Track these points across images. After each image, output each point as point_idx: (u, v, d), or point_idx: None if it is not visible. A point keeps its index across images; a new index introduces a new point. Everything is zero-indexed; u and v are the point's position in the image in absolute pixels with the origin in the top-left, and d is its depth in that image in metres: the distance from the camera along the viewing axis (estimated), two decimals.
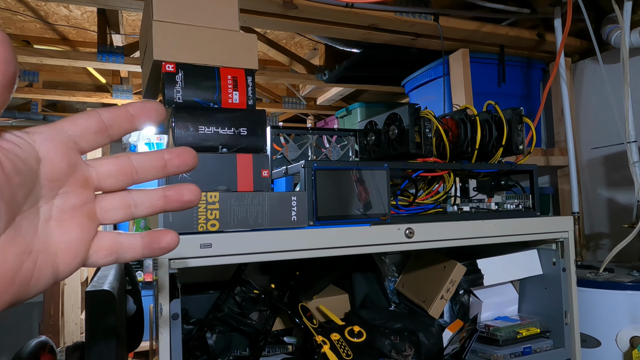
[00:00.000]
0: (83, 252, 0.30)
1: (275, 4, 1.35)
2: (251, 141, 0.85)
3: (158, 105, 0.32)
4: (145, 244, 0.32)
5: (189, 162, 0.33)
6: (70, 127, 0.29)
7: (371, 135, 1.11)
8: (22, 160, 0.26)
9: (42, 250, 0.28)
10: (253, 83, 0.88)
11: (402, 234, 0.88)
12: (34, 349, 0.95)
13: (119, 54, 1.85)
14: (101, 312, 0.73)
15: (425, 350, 0.98)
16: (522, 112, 1.07)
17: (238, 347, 1.03)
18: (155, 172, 0.32)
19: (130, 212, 0.32)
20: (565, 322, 1.07)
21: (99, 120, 0.30)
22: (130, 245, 0.32)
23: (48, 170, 0.28)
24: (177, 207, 0.33)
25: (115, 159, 0.32)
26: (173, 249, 0.33)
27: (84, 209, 0.30)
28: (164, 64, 0.82)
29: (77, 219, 0.30)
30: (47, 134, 0.28)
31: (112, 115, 0.31)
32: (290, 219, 0.80)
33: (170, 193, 0.33)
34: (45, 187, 0.28)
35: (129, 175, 0.32)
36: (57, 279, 0.29)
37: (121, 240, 0.32)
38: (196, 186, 0.33)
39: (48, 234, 0.29)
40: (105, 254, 0.31)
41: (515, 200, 1.09)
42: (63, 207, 0.29)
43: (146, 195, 0.33)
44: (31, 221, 0.28)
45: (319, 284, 1.12)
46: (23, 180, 0.26)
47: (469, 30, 1.63)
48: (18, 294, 0.27)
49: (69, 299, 2.54)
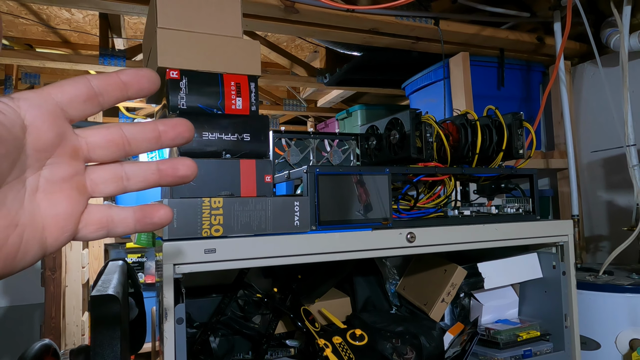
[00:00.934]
0: (72, 226, 0.29)
1: (277, 9, 1.36)
2: (254, 147, 0.86)
3: (151, 73, 0.30)
4: (138, 218, 0.31)
5: (185, 134, 0.31)
6: (57, 94, 0.28)
7: (372, 139, 1.12)
8: (6, 128, 0.25)
9: (28, 223, 0.27)
10: (256, 89, 0.89)
11: (404, 238, 0.88)
12: (37, 352, 0.96)
13: (120, 57, 1.86)
14: (106, 316, 0.73)
15: (427, 353, 0.99)
16: (522, 117, 1.08)
17: (241, 351, 1.03)
18: (148, 144, 0.31)
19: (122, 186, 0.31)
20: (565, 325, 1.08)
21: (89, 87, 0.28)
22: (121, 220, 0.31)
23: (34, 139, 0.26)
24: (172, 182, 0.32)
25: (106, 129, 0.30)
26: (166, 224, 0.32)
27: (73, 181, 0.29)
28: (168, 70, 0.83)
29: (65, 191, 0.28)
30: (33, 100, 0.27)
31: (102, 82, 0.29)
32: (293, 223, 0.81)
33: (165, 167, 0.31)
34: (32, 157, 0.27)
35: (120, 147, 0.30)
36: (45, 253, 0.28)
37: (112, 214, 0.30)
38: (192, 160, 0.32)
39: (35, 207, 0.27)
40: (96, 228, 0.30)
41: (516, 204, 1.10)
42: (51, 178, 0.28)
43: (139, 168, 0.31)
44: (17, 193, 0.26)
45: (321, 287, 1.13)
46: (7, 149, 0.25)
47: (469, 33, 1.64)
48: (3, 269, 0.26)
49: (70, 301, 2.55)
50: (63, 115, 0.28)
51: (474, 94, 1.68)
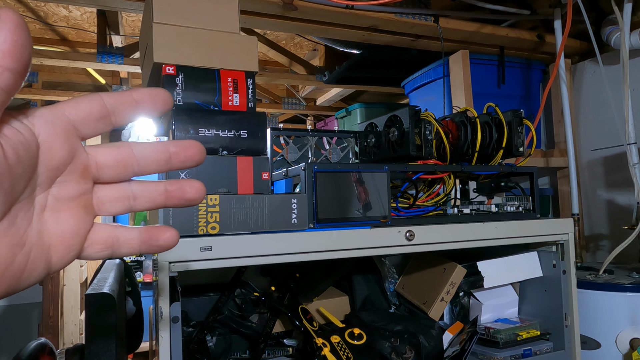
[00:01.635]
0: (77, 245, 0.28)
1: (275, 5, 1.35)
2: (251, 144, 0.85)
3: (165, 93, 0.30)
4: (143, 240, 0.31)
5: (195, 157, 0.31)
6: (71, 111, 0.27)
7: (371, 137, 1.11)
8: (24, 148, 0.24)
9: (35, 242, 0.26)
10: (253, 85, 0.88)
11: (403, 236, 0.88)
12: (33, 351, 0.95)
13: (118, 55, 1.85)
14: (101, 315, 0.72)
15: (426, 352, 0.98)
16: (523, 114, 1.07)
17: (238, 350, 1.02)
18: (158, 165, 0.30)
19: (128, 205, 0.30)
20: (565, 324, 1.07)
21: (102, 105, 0.28)
22: (127, 240, 0.30)
23: (47, 157, 0.26)
24: (178, 205, 0.31)
25: (116, 148, 0.29)
26: (171, 247, 0.31)
27: (81, 200, 0.28)
28: (164, 66, 0.82)
29: (72, 209, 0.28)
30: (47, 118, 0.26)
31: (115, 100, 0.29)
32: (291, 221, 0.80)
33: (173, 188, 0.31)
34: (43, 176, 0.26)
35: (129, 167, 0.30)
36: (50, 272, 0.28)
37: (118, 234, 0.30)
38: (201, 183, 0.31)
39: (42, 225, 0.27)
40: (101, 247, 0.30)
41: (516, 202, 1.09)
42: (59, 196, 0.27)
43: (146, 188, 0.31)
44: (26, 211, 0.26)
45: (319, 286, 1.12)
46: (24, 169, 0.25)
47: (469, 31, 1.63)
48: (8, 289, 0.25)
49: (69, 300, 2.54)
50: (75, 133, 0.27)
51: (474, 92, 1.67)
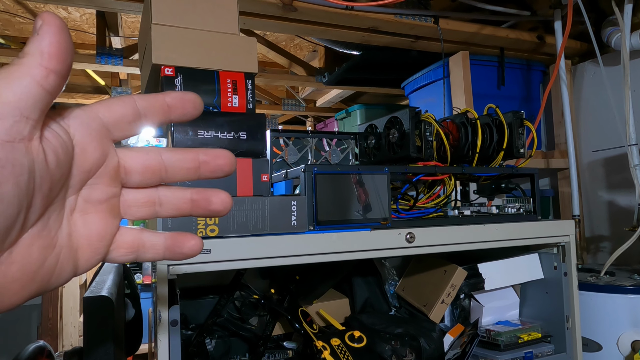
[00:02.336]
0: (104, 248, 0.28)
1: (275, 7, 1.35)
2: (251, 145, 0.85)
3: (197, 99, 0.30)
4: (168, 246, 0.30)
5: (225, 167, 0.30)
6: (105, 113, 0.27)
7: (371, 138, 1.11)
8: (63, 151, 0.24)
9: (65, 244, 0.26)
10: (253, 87, 0.87)
11: (403, 238, 0.87)
12: (31, 353, 0.94)
13: (117, 56, 1.84)
14: (99, 318, 0.72)
15: (426, 355, 0.98)
16: (523, 116, 1.07)
17: (237, 353, 1.02)
18: (186, 173, 0.30)
19: (154, 211, 0.30)
20: (566, 326, 1.06)
21: (135, 108, 0.28)
22: (152, 246, 0.30)
23: (81, 159, 0.26)
24: (203, 215, 0.31)
25: (145, 154, 0.29)
26: (195, 256, 0.31)
27: (109, 203, 0.28)
28: (163, 67, 0.81)
29: (100, 212, 0.28)
30: (82, 119, 0.26)
31: (148, 103, 0.28)
32: (290, 223, 0.79)
33: (199, 198, 0.30)
34: (76, 178, 0.26)
35: (156, 174, 0.29)
36: (76, 275, 0.28)
37: (144, 238, 0.30)
38: (227, 195, 0.31)
39: (71, 227, 0.27)
40: (126, 251, 0.29)
41: (516, 203, 1.08)
42: (89, 199, 0.27)
43: (173, 195, 0.30)
44: (58, 213, 0.26)
45: (319, 288, 1.11)
46: (62, 172, 0.24)
47: (469, 32, 1.63)
48: (38, 290, 0.25)
49: (68, 302, 2.53)
50: (108, 135, 0.27)
51: (474, 94, 1.67)
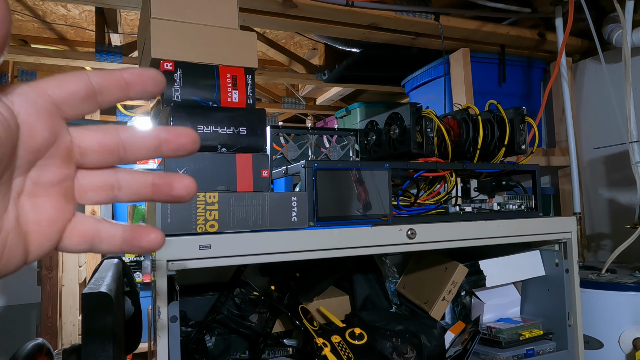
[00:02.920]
0: (55, 234, 0.27)
1: (275, 3, 1.34)
2: (251, 141, 0.84)
3: (158, 75, 0.28)
4: (126, 239, 0.29)
5: (188, 146, 0.29)
6: (55, 90, 0.25)
7: (372, 135, 1.10)
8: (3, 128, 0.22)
9: (12, 228, 0.25)
10: (253, 82, 0.87)
11: (404, 234, 0.86)
12: (30, 351, 0.94)
13: (117, 54, 1.84)
14: (98, 314, 0.71)
15: (427, 352, 0.97)
16: (525, 112, 1.06)
17: (237, 350, 1.01)
18: (147, 152, 0.28)
19: (112, 195, 0.29)
20: (568, 323, 1.06)
21: (89, 84, 0.26)
22: (109, 237, 0.28)
23: (28, 139, 0.24)
24: (165, 200, 0.29)
25: (102, 132, 0.27)
26: (155, 250, 0.29)
27: (61, 186, 0.27)
28: (162, 62, 0.80)
29: (52, 196, 0.26)
30: (29, 96, 0.24)
31: (103, 80, 0.26)
32: (291, 219, 0.79)
33: (161, 182, 0.29)
34: (23, 158, 0.25)
35: (115, 153, 0.28)
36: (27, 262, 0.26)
37: (101, 228, 0.28)
38: (191, 180, 0.29)
39: (19, 211, 0.25)
40: (80, 240, 0.28)
41: (518, 200, 1.08)
42: (38, 181, 0.26)
43: (133, 179, 0.29)
44: (3, 196, 0.24)
45: (320, 285, 1.11)
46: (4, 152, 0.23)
47: (470, 29, 1.62)
48: None
49: (67, 300, 2.52)
50: (59, 113, 0.26)
51: (475, 91, 1.66)
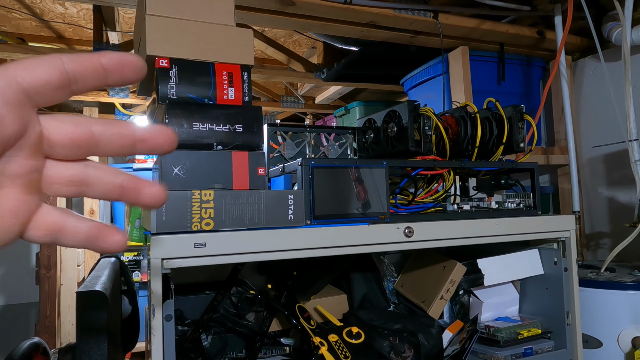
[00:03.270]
0: (17, 226, 0.26)
1: (273, 1, 1.33)
2: (247, 138, 0.83)
3: (138, 61, 0.27)
4: (90, 236, 0.28)
5: (164, 147, 0.28)
6: (25, 77, 0.24)
7: (370, 133, 1.09)
8: None
9: None
10: (249, 79, 0.86)
11: (402, 233, 0.86)
12: (26, 350, 0.93)
13: (115, 52, 1.83)
14: (92, 313, 0.71)
15: (425, 351, 0.97)
16: (523, 110, 1.06)
17: (234, 349, 1.01)
18: (120, 149, 0.28)
19: (80, 191, 0.28)
20: (567, 322, 1.05)
21: (63, 72, 0.25)
22: (74, 232, 0.28)
23: None
24: (132, 204, 0.29)
25: (74, 125, 0.26)
26: (116, 252, 0.29)
27: (28, 178, 0.26)
28: (158, 59, 0.80)
29: (17, 187, 0.26)
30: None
31: (79, 66, 0.25)
32: (287, 217, 0.78)
33: (129, 187, 0.28)
34: None
35: (84, 148, 0.27)
36: None
37: (67, 222, 0.28)
38: (161, 189, 0.29)
39: None
40: (44, 233, 0.27)
41: (516, 199, 1.07)
42: (3, 172, 0.25)
43: (103, 177, 0.28)
44: None
45: (317, 284, 1.10)
46: None
47: (469, 27, 1.61)
48: None
49: (65, 300, 2.52)
50: (29, 102, 0.25)
51: (474, 89, 1.66)
